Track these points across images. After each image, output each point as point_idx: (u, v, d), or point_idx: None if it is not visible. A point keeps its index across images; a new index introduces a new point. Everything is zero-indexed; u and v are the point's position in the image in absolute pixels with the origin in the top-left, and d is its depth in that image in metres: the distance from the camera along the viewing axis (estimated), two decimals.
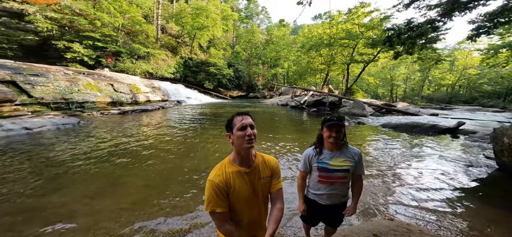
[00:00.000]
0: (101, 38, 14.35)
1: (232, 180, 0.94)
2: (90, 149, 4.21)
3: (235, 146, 0.96)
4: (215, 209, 0.89)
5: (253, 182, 0.99)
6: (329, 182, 1.36)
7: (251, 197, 0.99)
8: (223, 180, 0.92)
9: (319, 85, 25.33)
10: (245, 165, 0.99)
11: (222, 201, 0.91)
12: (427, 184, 3.28)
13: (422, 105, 21.30)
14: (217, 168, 0.97)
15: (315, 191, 1.43)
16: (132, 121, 7.60)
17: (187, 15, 21.47)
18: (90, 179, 2.98)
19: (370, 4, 15.58)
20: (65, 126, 6.04)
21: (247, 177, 0.98)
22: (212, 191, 0.90)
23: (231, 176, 0.94)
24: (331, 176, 1.34)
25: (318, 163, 1.37)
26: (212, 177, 0.92)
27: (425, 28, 7.60)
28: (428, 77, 32.67)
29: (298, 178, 1.52)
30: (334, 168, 1.33)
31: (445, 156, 4.75)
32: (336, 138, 1.29)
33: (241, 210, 0.98)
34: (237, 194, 0.94)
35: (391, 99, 34.12)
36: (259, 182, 1.01)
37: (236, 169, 0.96)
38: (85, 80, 9.13)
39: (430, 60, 12.64)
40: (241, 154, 0.96)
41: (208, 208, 0.90)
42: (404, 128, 7.80)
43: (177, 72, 19.95)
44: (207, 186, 0.92)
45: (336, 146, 1.34)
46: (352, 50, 17.19)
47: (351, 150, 1.38)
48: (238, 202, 0.96)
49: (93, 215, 2.18)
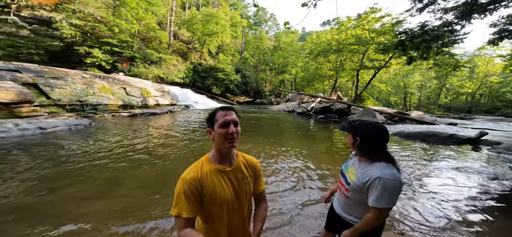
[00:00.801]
0: (118, 43, 15.24)
1: (209, 179, 0.82)
2: (95, 150, 4.34)
3: (215, 143, 0.87)
4: (182, 212, 0.76)
5: (234, 181, 0.88)
6: (339, 188, 1.29)
7: (232, 199, 0.86)
8: (197, 177, 0.80)
9: (327, 92, 24.83)
10: (225, 163, 0.89)
11: (191, 204, 0.77)
12: (445, 198, 2.97)
13: (439, 114, 20.02)
14: (192, 166, 0.86)
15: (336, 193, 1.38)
16: (140, 123, 7.83)
17: (198, 21, 22.33)
18: (91, 179, 3.03)
19: (381, 9, 15.22)
20: (77, 127, 6.34)
21: (227, 176, 0.87)
22: (182, 190, 0.77)
23: (208, 175, 0.83)
24: (341, 182, 1.25)
25: (344, 164, 1.31)
26: (185, 174, 0.81)
27: (441, 31, 7.20)
28: (446, 85, 30.84)
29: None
30: (345, 174, 1.22)
31: (465, 168, 4.33)
32: (352, 147, 1.19)
33: (219, 216, 0.84)
34: (214, 195, 0.81)
35: (404, 107, 32.52)
36: (242, 181, 0.91)
37: (215, 167, 0.86)
38: (100, 84, 9.64)
39: (447, 66, 11.90)
40: (222, 152, 0.87)
41: (173, 211, 0.77)
42: (419, 137, 7.29)
43: (186, 77, 20.56)
44: (177, 185, 0.80)
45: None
46: (362, 56, 16.76)
47: (373, 168, 1.03)
48: (216, 205, 0.82)
49: (89, 216, 2.18)
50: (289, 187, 3.09)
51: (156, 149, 4.59)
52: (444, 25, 7.09)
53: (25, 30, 12.43)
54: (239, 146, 0.98)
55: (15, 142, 4.45)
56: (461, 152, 5.77)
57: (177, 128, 7.34)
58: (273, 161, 4.13)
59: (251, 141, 5.82)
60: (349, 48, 16.95)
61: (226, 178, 0.86)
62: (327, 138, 7.18)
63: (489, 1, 5.61)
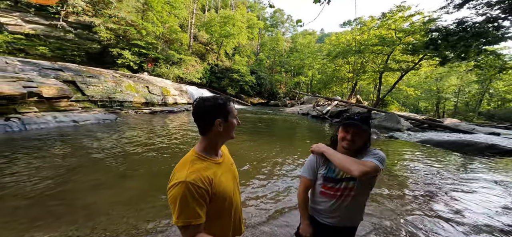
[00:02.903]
0: (145, 45, 16.57)
1: (212, 175, 0.74)
2: (117, 142, 4.73)
3: (219, 134, 0.79)
4: (190, 221, 0.66)
5: (229, 171, 0.87)
6: (333, 196, 1.06)
7: (233, 190, 0.84)
8: (202, 178, 0.70)
9: (346, 95, 23.53)
10: (217, 155, 0.85)
11: (201, 208, 0.68)
12: (477, 219, 2.52)
13: (479, 123, 17.42)
14: (184, 166, 0.73)
15: (316, 205, 1.14)
16: (159, 120, 8.35)
17: (216, 23, 23.16)
18: (106, 169, 3.29)
19: (410, 7, 13.96)
20: (105, 121, 7.01)
21: (223, 168, 0.83)
22: (187, 195, 0.66)
23: (210, 172, 0.75)
24: (338, 188, 1.05)
25: (325, 170, 1.09)
26: (184, 177, 0.67)
27: (485, 28, 6.31)
28: (489, 90, 26.76)
29: (299, 191, 1.17)
30: (342, 177, 1.04)
31: (506, 182, 3.71)
32: (350, 143, 1.02)
33: (227, 211, 0.80)
34: (222, 191, 0.76)
35: (436, 114, 29.09)
36: (232, 168, 0.91)
37: (210, 161, 0.79)
38: (127, 82, 10.54)
39: (491, 69, 10.31)
40: (216, 145, 0.83)
41: (179, 221, 0.65)
42: (452, 146, 6.45)
43: (203, 77, 21.39)
44: (175, 191, 0.66)
45: (349, 152, 1.04)
46: (386, 57, 15.54)
47: (370, 152, 1.03)
48: (225, 201, 0.78)
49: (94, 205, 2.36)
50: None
51: (171, 145, 4.82)
52: (488, 20, 6.20)
53: (70, 34, 14.25)
54: (245, 144, 0.96)
55: (51, 133, 5.08)
56: (503, 165, 4.95)
57: (192, 127, 7.65)
58: (279, 164, 4.02)
59: (261, 142, 5.77)
60: (372, 49, 15.85)
61: (223, 171, 0.83)
62: None
63: None
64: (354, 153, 1.05)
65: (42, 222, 1.94)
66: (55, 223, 1.94)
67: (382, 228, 2.18)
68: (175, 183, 0.68)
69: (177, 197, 0.66)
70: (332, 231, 1.10)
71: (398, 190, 3.22)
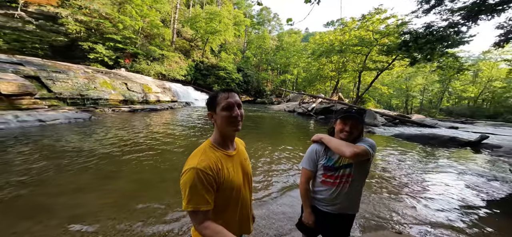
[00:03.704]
0: (122, 40, 15.34)
1: (221, 164, 0.76)
2: (92, 143, 4.35)
3: (217, 127, 0.81)
4: (200, 206, 0.68)
5: (240, 165, 0.86)
6: (334, 183, 1.15)
7: (242, 184, 0.85)
8: (211, 166, 0.72)
9: (329, 93, 24.64)
10: (230, 147, 0.85)
11: (209, 195, 0.70)
12: (443, 199, 2.91)
13: (440, 118, 19.71)
14: (197, 154, 0.75)
15: (317, 195, 1.21)
16: (140, 119, 7.86)
17: (201, 19, 22.35)
18: (84, 171, 3.02)
19: (386, 10, 15.03)
20: (77, 120, 6.39)
21: (234, 160, 0.84)
22: (196, 182, 0.67)
23: (219, 162, 0.76)
24: (337, 175, 1.14)
25: (325, 160, 1.16)
26: (195, 164, 0.70)
27: (447, 32, 7.05)
28: (448, 89, 30.41)
29: (301, 181, 1.24)
30: (339, 164, 1.14)
31: (465, 170, 4.26)
32: (348, 134, 1.11)
33: (234, 204, 0.81)
34: (230, 182, 0.77)
35: (405, 110, 32.13)
36: (245, 163, 0.90)
37: (222, 152, 0.80)
38: (102, 79, 9.70)
39: (451, 70, 11.69)
40: (226, 136, 0.83)
41: (189, 206, 0.67)
42: (419, 139, 7.18)
43: (188, 74, 20.61)
44: (186, 177, 0.69)
45: (355, 137, 1.14)
46: (364, 57, 16.58)
47: (364, 140, 1.15)
48: (231, 193, 0.79)
49: (82, 207, 2.17)
50: (283, 187, 3.04)
51: (153, 144, 4.58)
52: (450, 26, 6.93)
53: (31, 25, 12.59)
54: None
55: (13, 134, 4.49)
56: (461, 155, 5.66)
57: (176, 124, 7.35)
58: (269, 160, 4.09)
59: (250, 139, 5.78)
60: (352, 49, 16.78)
61: (234, 163, 0.83)
62: None
63: (498, 2, 5.46)
64: (352, 142, 1.14)
65: (16, 229, 1.74)
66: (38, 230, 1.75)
67: (360, 212, 2.35)
68: (186, 169, 0.71)
69: (188, 182, 0.68)
70: (334, 218, 1.18)
71: (377, 178, 3.50)
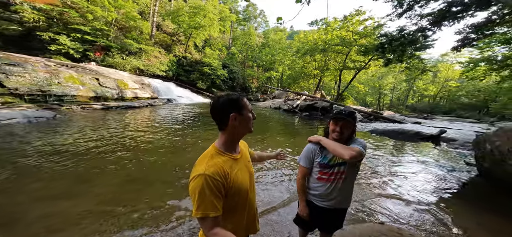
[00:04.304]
0: (91, 31, 13.85)
1: (230, 171, 0.77)
2: (57, 144, 3.86)
3: (236, 129, 0.82)
4: (208, 213, 0.68)
5: (246, 168, 0.89)
6: (329, 179, 1.23)
7: (249, 187, 0.87)
8: (220, 172, 0.73)
9: (312, 90, 25.54)
10: (235, 151, 0.86)
11: (218, 201, 0.71)
12: (415, 189, 3.21)
13: (406, 114, 21.84)
14: (204, 160, 0.76)
15: (313, 191, 1.30)
16: (115, 117, 7.22)
17: (184, 13, 21.19)
18: (53, 177, 2.67)
19: (365, 12, 15.95)
20: (38, 120, 5.62)
21: (239, 164, 0.85)
22: (205, 188, 0.68)
23: (227, 167, 0.77)
24: (332, 172, 1.23)
25: (321, 158, 1.24)
26: (203, 170, 0.71)
27: (417, 36, 7.73)
28: (413, 88, 33.95)
29: (298, 177, 1.35)
30: (334, 162, 1.22)
31: (429, 162, 4.75)
32: (339, 134, 1.18)
33: (242, 208, 0.84)
34: (238, 187, 0.79)
35: (378, 107, 34.99)
36: (249, 165, 0.93)
37: (228, 157, 0.81)
38: (67, 73, 8.67)
39: (416, 70, 12.99)
40: (235, 140, 0.85)
41: (198, 212, 0.68)
42: (390, 134, 7.85)
43: (169, 70, 19.53)
44: (195, 183, 0.70)
45: (341, 142, 1.21)
46: (345, 57, 17.47)
47: (357, 141, 1.22)
48: (240, 197, 0.81)
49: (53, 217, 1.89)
50: (273, 188, 3.05)
51: (132, 144, 4.24)
52: (419, 30, 7.62)
53: None
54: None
55: None
56: (425, 148, 6.32)
57: (156, 122, 6.91)
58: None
59: None
60: (334, 48, 17.54)
61: (240, 167, 0.85)
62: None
63: (459, 10, 6.14)
64: (344, 142, 1.23)
65: None
66: None
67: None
68: (195, 175, 0.71)
69: (196, 189, 0.69)
70: (328, 213, 1.27)
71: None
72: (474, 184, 3.64)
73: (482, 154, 3.60)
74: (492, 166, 3.38)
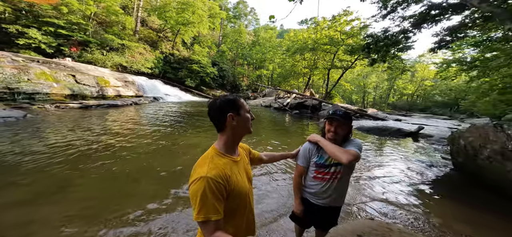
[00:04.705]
0: (66, 25, 12.78)
1: (230, 173, 0.76)
2: (33, 146, 3.48)
3: (235, 129, 0.82)
4: (210, 216, 0.66)
5: (245, 170, 0.88)
6: (324, 179, 1.25)
7: (248, 189, 0.86)
8: (221, 174, 0.71)
9: (301, 88, 25.98)
10: (235, 153, 0.86)
11: (220, 204, 0.70)
12: (399, 184, 3.37)
13: (388, 112, 23.19)
14: (205, 162, 0.74)
15: (309, 189, 1.32)
16: (95, 116, 6.72)
17: (171, 9, 20.32)
18: (30, 181, 2.39)
19: (352, 12, 16.46)
20: (6, 120, 5.07)
21: (239, 166, 0.85)
22: (207, 191, 0.66)
23: (227, 167, 0.76)
24: (327, 172, 1.24)
25: (317, 158, 1.27)
26: (205, 173, 0.69)
27: (399, 37, 8.13)
28: (394, 87, 36.14)
29: (295, 175, 1.38)
30: (331, 163, 1.23)
31: (410, 158, 5.02)
32: (334, 134, 1.20)
33: (243, 210, 0.83)
34: (239, 189, 0.78)
35: (363, 104, 36.74)
36: (247, 168, 0.92)
37: (228, 159, 0.80)
38: (38, 69, 7.92)
39: (397, 70, 13.72)
40: (235, 141, 0.85)
41: (199, 216, 0.66)
42: (375, 131, 8.24)
43: (155, 67, 18.70)
44: (196, 186, 0.67)
45: (337, 142, 1.23)
46: (333, 56, 17.95)
47: (353, 142, 1.24)
48: (240, 200, 0.80)
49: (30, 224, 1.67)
50: (269, 188, 3.01)
51: (115, 145, 3.95)
52: (402, 32, 8.02)
53: None
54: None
55: None
56: (405, 144, 6.73)
57: (141, 122, 6.55)
58: None
59: None
60: (323, 47, 17.93)
61: (240, 170, 0.84)
62: (302, 134, 7.42)
63: (438, 13, 6.54)
64: (340, 142, 1.24)
65: None
66: None
67: None
68: (196, 178, 0.69)
69: (198, 192, 0.67)
70: (323, 211, 1.30)
71: None
72: (450, 178, 3.90)
73: (456, 149, 3.87)
74: (465, 161, 3.64)
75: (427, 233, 2.14)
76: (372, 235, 2.06)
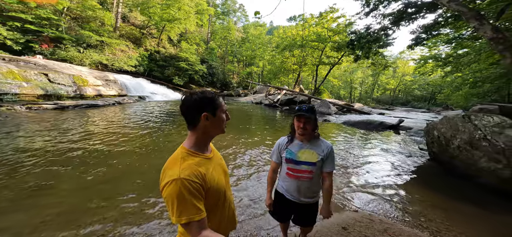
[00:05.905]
0: (35, 20, 11.67)
1: (204, 170, 0.73)
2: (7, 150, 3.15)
3: (208, 129, 0.78)
4: (193, 217, 0.64)
5: (219, 166, 0.86)
6: (296, 176, 1.27)
7: (225, 186, 0.85)
8: (195, 172, 0.69)
9: (291, 84, 26.31)
10: (207, 151, 0.82)
11: (200, 202, 0.67)
12: (381, 175, 3.54)
13: (373, 106, 24.36)
14: (175, 164, 0.70)
15: (283, 184, 1.36)
16: (72, 117, 6.26)
17: (155, 4, 19.33)
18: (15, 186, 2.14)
19: (338, 9, 16.82)
20: None
21: (213, 163, 0.82)
22: (183, 192, 0.64)
23: (201, 166, 0.73)
24: (298, 170, 1.26)
25: (287, 153, 1.29)
26: (177, 174, 0.65)
27: (380, 34, 8.48)
28: (377, 82, 38.03)
29: (269, 170, 1.43)
30: (300, 160, 1.25)
31: (391, 149, 5.31)
32: (303, 129, 1.24)
33: (222, 206, 0.83)
34: (216, 186, 0.77)
35: (350, 99, 38.22)
36: (222, 162, 0.90)
37: (201, 157, 0.77)
38: (5, 67, 7.19)
39: (380, 66, 14.40)
40: (206, 139, 0.81)
41: (181, 219, 0.64)
42: (360, 125, 8.62)
43: (140, 65, 17.83)
44: (170, 189, 0.64)
45: (305, 137, 1.27)
46: (321, 52, 18.31)
47: (323, 143, 1.29)
48: (218, 196, 0.79)
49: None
50: (256, 183, 3.00)
51: (92, 147, 3.71)
52: (382, 29, 8.36)
53: None
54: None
55: None
56: (388, 136, 7.11)
57: (126, 122, 6.22)
58: (244, 151, 3.98)
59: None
60: (311, 44, 18.20)
61: (214, 166, 0.82)
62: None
63: (413, 11, 6.90)
64: (309, 137, 1.28)
65: None
66: None
67: None
68: (168, 181, 0.65)
69: (174, 195, 0.64)
70: (298, 207, 1.33)
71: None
72: (426, 168, 4.16)
73: (431, 140, 4.14)
74: (439, 151, 3.91)
75: (406, 222, 2.25)
76: (356, 226, 2.15)
